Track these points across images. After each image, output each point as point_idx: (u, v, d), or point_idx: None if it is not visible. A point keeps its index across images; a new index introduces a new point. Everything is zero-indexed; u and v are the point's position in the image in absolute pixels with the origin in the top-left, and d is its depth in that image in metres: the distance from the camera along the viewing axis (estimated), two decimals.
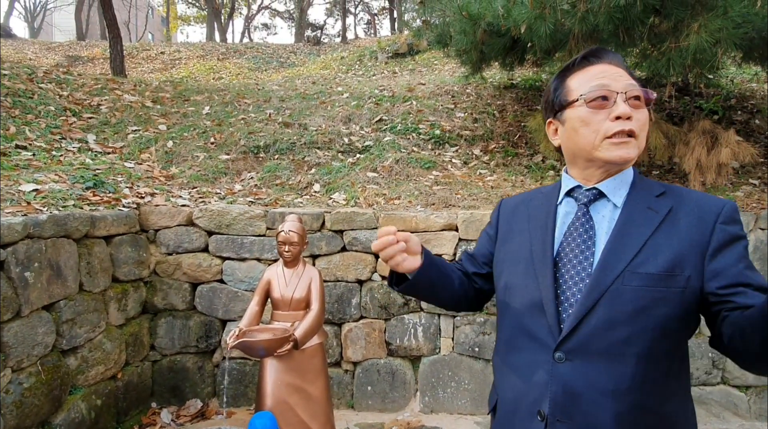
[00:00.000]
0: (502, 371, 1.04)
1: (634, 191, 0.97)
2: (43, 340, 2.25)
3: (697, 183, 3.34)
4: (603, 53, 0.98)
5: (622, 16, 2.51)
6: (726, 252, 0.89)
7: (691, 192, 0.99)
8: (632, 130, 0.92)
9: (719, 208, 0.93)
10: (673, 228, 0.92)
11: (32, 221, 2.21)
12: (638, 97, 0.92)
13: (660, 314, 0.87)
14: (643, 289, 0.88)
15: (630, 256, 0.90)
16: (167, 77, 9.90)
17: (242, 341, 2.06)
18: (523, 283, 0.99)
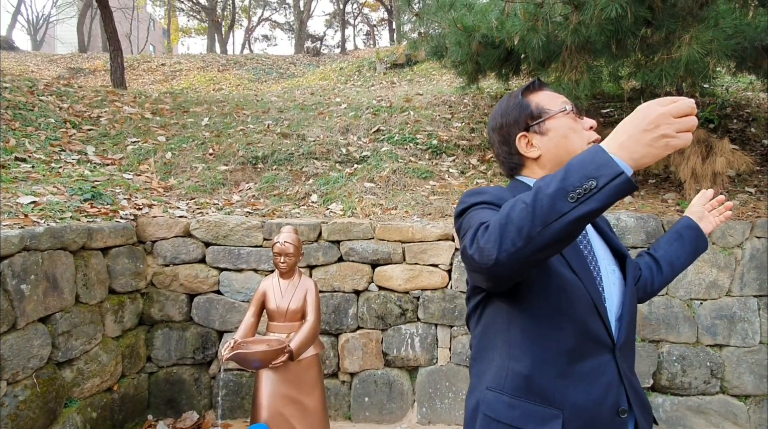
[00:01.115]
0: (567, 384, 0.95)
1: None
2: (38, 352, 2.25)
3: (693, 191, 3.35)
4: (544, 85, 1.14)
5: (613, 27, 2.55)
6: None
7: None
8: (598, 137, 1.05)
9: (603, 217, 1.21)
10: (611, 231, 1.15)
11: (29, 234, 2.22)
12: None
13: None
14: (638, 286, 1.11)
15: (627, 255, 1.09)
16: (168, 89, 9.98)
17: (237, 353, 2.05)
18: (575, 287, 0.95)
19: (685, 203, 3.41)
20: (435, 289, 3.08)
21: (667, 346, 2.99)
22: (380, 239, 3.12)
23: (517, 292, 0.97)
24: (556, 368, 0.95)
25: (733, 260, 3.01)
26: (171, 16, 25.28)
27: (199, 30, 26.68)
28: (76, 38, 18.62)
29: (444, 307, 3.05)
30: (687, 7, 2.70)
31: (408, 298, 3.10)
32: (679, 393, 2.97)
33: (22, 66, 11.92)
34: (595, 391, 0.94)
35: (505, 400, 0.97)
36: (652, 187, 4.00)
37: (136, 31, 24.86)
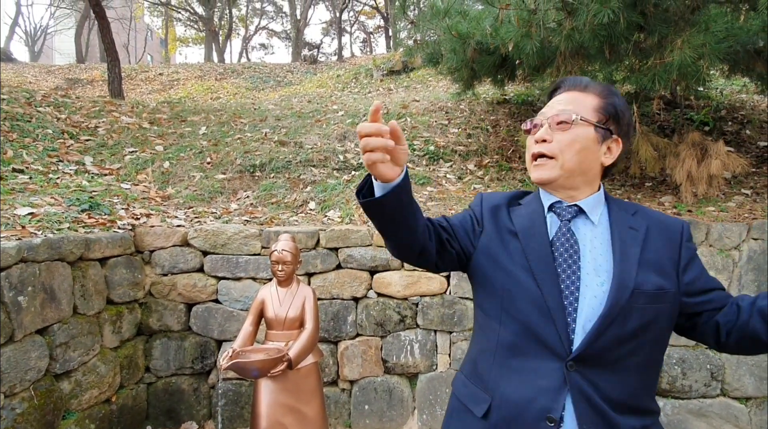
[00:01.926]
0: (501, 374, 1.01)
1: (613, 210, 1.06)
2: (36, 364, 2.24)
3: (689, 194, 3.36)
4: (564, 83, 1.10)
5: (606, 33, 2.57)
6: (693, 265, 1.03)
7: (654, 211, 1.09)
8: (541, 152, 1.03)
9: (681, 228, 1.06)
10: (653, 246, 1.01)
11: (26, 245, 2.22)
12: (563, 122, 1.01)
13: (657, 328, 0.97)
14: (646, 308, 0.95)
15: (634, 274, 0.96)
16: (165, 98, 10.01)
17: (235, 362, 2.05)
18: (526, 289, 1.00)
19: (681, 206, 3.43)
20: (434, 295, 3.08)
21: (667, 349, 2.98)
22: (378, 246, 3.12)
23: (474, 285, 1.13)
24: (495, 358, 1.04)
25: (730, 262, 3.02)
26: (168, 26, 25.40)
27: (196, 39, 26.80)
28: (74, 49, 18.70)
29: (443, 313, 3.04)
30: (679, 11, 2.73)
31: (407, 304, 3.10)
32: (680, 396, 2.96)
33: (20, 77, 11.96)
34: (526, 390, 0.98)
35: (462, 379, 1.12)
36: (648, 190, 4.02)
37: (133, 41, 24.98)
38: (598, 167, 1.05)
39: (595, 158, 1.03)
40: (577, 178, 1.03)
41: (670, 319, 0.99)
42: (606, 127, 1.03)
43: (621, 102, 1.05)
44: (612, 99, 1.05)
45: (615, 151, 1.05)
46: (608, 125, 1.04)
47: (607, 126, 1.03)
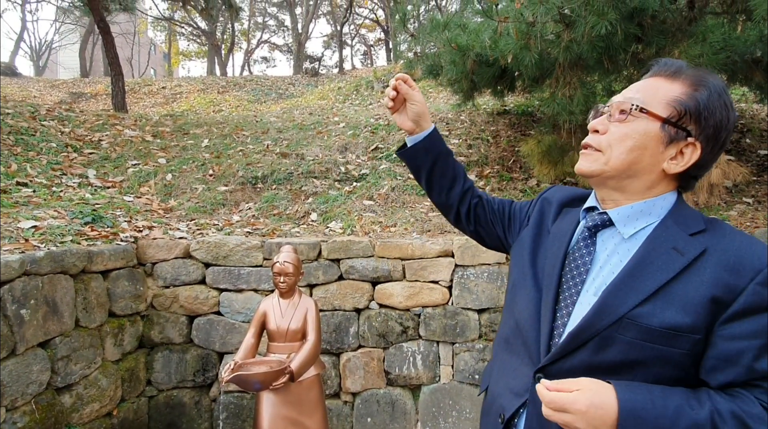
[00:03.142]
0: (494, 364, 1.06)
1: (663, 226, 0.85)
2: (37, 378, 2.23)
3: (690, 203, 3.36)
4: (654, 65, 0.91)
5: (604, 44, 2.60)
6: (747, 320, 0.76)
7: (737, 235, 0.83)
8: (588, 143, 0.89)
9: (762, 264, 0.77)
10: (696, 277, 0.79)
11: (29, 258, 2.23)
12: (623, 111, 0.85)
13: (651, 373, 0.79)
14: (637, 344, 0.79)
15: (634, 302, 0.81)
16: (168, 111, 10.10)
17: (237, 375, 2.04)
18: (530, 289, 0.96)
19: None
20: (436, 306, 3.07)
21: None
22: (380, 257, 3.12)
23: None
24: (496, 347, 1.07)
25: None
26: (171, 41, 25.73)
27: (199, 53, 27.12)
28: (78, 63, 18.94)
29: (445, 324, 3.03)
30: (676, 23, 2.76)
31: (409, 315, 3.09)
32: None
33: (25, 92, 12.09)
34: (500, 386, 0.99)
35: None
36: None
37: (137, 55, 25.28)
38: (659, 172, 0.85)
39: (655, 161, 0.84)
40: (626, 181, 0.86)
41: (679, 369, 0.79)
42: (679, 124, 0.83)
43: (714, 98, 0.83)
44: (700, 91, 0.82)
45: (689, 156, 0.83)
46: (683, 123, 0.83)
47: (682, 124, 0.83)
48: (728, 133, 0.85)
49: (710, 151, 0.85)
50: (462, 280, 3.04)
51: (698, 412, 0.73)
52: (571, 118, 2.84)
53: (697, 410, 0.73)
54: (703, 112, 0.82)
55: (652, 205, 0.87)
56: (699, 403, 0.74)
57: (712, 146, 0.84)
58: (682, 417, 0.73)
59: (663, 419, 0.73)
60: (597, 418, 0.73)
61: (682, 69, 0.87)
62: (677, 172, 0.85)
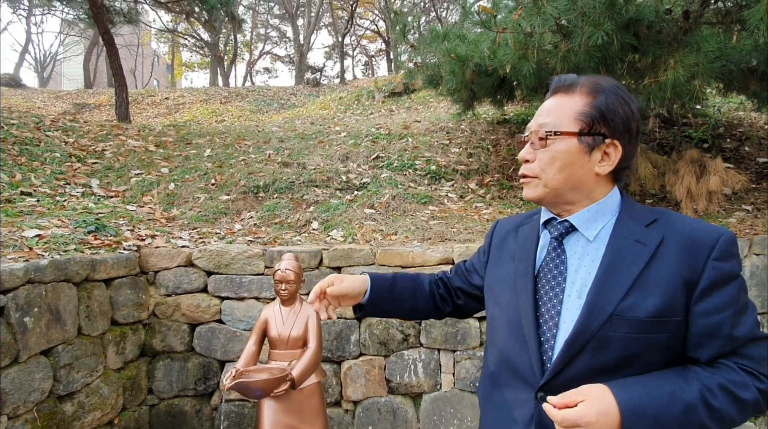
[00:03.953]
0: (485, 408, 1.03)
1: (621, 222, 0.91)
2: (40, 386, 2.24)
3: (689, 210, 3.38)
4: (552, 86, 0.96)
5: (601, 54, 2.64)
6: (715, 294, 0.83)
7: (685, 219, 0.90)
8: (524, 173, 0.95)
9: (714, 241, 0.84)
10: (663, 263, 0.85)
11: (33, 267, 2.25)
12: (541, 138, 0.91)
13: (647, 362, 0.83)
14: (631, 337, 0.83)
15: (618, 297, 0.84)
16: (171, 122, 10.19)
17: (238, 382, 2.05)
18: (507, 315, 0.97)
19: None
20: None
21: None
22: (381, 264, 3.13)
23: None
24: (483, 390, 1.04)
25: None
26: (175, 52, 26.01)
27: (202, 64, 27.40)
28: (82, 75, 19.13)
29: (446, 331, 3.04)
30: (671, 33, 2.80)
31: (410, 323, 3.09)
32: None
33: (29, 103, 12.21)
34: (501, 425, 0.95)
35: None
36: None
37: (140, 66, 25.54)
38: (593, 178, 0.91)
39: (586, 171, 0.90)
40: (570, 194, 0.92)
41: (669, 352, 0.84)
42: (593, 132, 0.89)
43: (612, 98, 0.89)
44: (599, 98, 0.89)
45: (614, 155, 0.90)
46: (595, 129, 0.89)
47: (595, 131, 0.89)
48: (637, 122, 0.92)
49: (628, 143, 0.91)
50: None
51: (688, 393, 0.79)
52: None
53: (687, 392, 0.79)
54: (608, 114, 0.89)
55: (605, 205, 0.93)
56: (687, 384, 0.80)
57: (628, 138, 0.91)
58: (676, 402, 0.78)
59: (660, 409, 0.77)
60: (606, 425, 0.76)
61: (576, 81, 0.93)
62: (610, 171, 0.92)
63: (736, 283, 0.84)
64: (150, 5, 10.76)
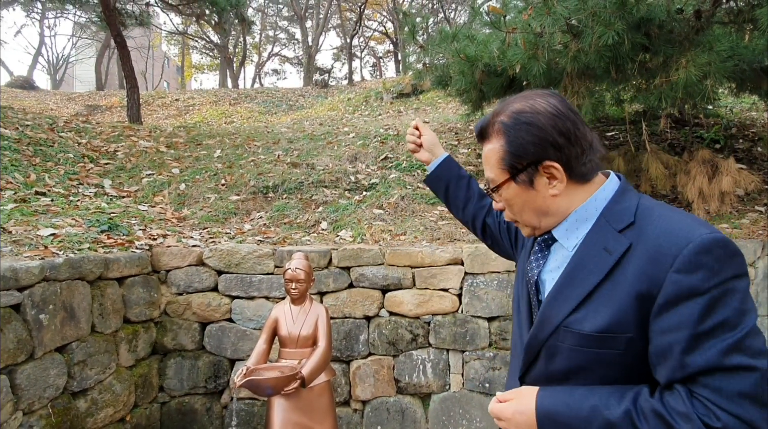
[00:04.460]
0: (510, 367, 1.10)
1: (595, 228, 0.86)
2: (54, 382, 2.28)
3: (701, 211, 3.35)
4: (477, 134, 0.96)
5: (611, 54, 2.63)
6: (672, 312, 0.74)
7: (662, 222, 0.80)
8: (510, 219, 0.97)
9: (679, 249, 0.74)
10: (622, 275, 0.79)
11: (48, 265, 2.29)
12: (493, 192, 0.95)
13: (598, 375, 0.81)
14: (577, 350, 0.82)
15: (568, 310, 0.84)
16: (181, 123, 10.29)
17: (249, 380, 2.07)
18: (518, 302, 1.03)
19: None
20: (446, 314, 3.08)
21: None
22: (390, 265, 3.14)
23: None
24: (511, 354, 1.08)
25: None
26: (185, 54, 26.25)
27: (211, 66, 27.63)
28: (93, 77, 19.38)
29: (455, 331, 3.04)
30: (683, 32, 2.78)
31: (419, 323, 3.10)
32: None
33: (42, 104, 12.40)
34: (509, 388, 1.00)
35: None
36: None
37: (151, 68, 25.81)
38: (556, 199, 0.89)
39: (543, 198, 0.89)
40: (545, 221, 0.92)
41: (623, 368, 0.80)
42: (521, 170, 0.88)
43: (514, 132, 0.87)
44: (506, 138, 0.88)
45: (557, 172, 0.86)
46: (521, 166, 0.88)
47: (521, 167, 0.88)
48: (557, 128, 0.85)
49: (561, 150, 0.85)
50: (472, 288, 3.05)
51: (613, 412, 0.75)
52: None
53: (613, 409, 0.75)
54: (518, 150, 0.87)
55: (585, 211, 0.89)
56: (618, 403, 0.76)
57: (557, 148, 0.85)
58: (595, 417, 0.76)
59: (576, 419, 0.78)
60: (522, 422, 0.83)
61: (486, 126, 0.93)
62: (563, 188, 0.88)
63: (703, 300, 0.72)
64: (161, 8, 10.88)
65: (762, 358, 0.70)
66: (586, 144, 0.86)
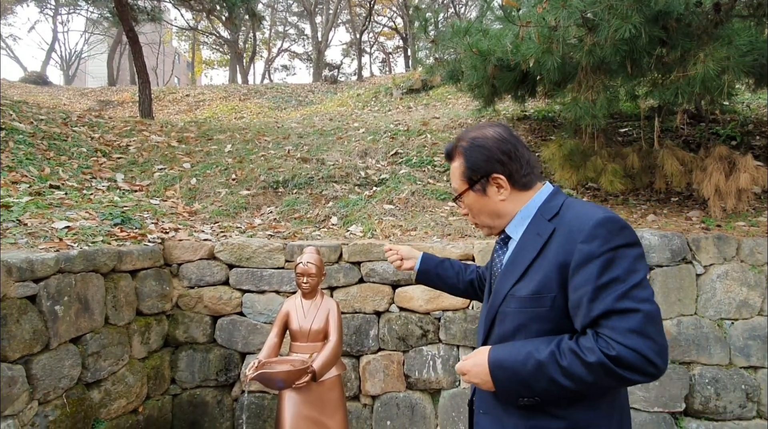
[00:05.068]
0: None
1: (533, 220, 1.13)
2: (69, 372, 2.31)
3: (717, 209, 3.30)
4: (446, 156, 1.25)
5: (628, 48, 2.58)
6: (579, 273, 0.99)
7: (578, 209, 1.08)
8: (473, 221, 1.25)
9: (584, 226, 1.01)
10: (550, 252, 1.05)
11: (63, 257, 2.31)
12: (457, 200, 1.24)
13: (534, 329, 1.06)
14: (519, 311, 1.08)
15: (512, 282, 1.10)
16: (192, 118, 10.34)
17: (261, 373, 2.07)
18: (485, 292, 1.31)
19: (710, 220, 3.35)
20: (456, 310, 3.07)
21: (698, 368, 2.89)
22: None
23: None
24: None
25: (763, 278, 2.93)
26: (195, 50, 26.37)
27: (221, 62, 27.73)
28: (105, 73, 19.55)
29: (465, 328, 3.02)
30: (701, 26, 2.72)
31: (429, 319, 3.09)
32: (714, 418, 2.85)
33: (56, 100, 12.54)
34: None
35: None
36: (675, 205, 3.95)
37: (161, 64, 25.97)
38: (504, 203, 1.16)
39: (494, 203, 1.16)
40: (497, 222, 1.19)
41: (552, 322, 1.04)
42: (476, 181, 1.17)
43: (469, 153, 1.16)
44: (464, 157, 1.17)
45: (503, 183, 1.14)
46: (475, 178, 1.16)
47: (475, 179, 1.16)
48: (500, 150, 1.14)
49: (505, 166, 1.14)
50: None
51: (541, 354, 0.99)
52: (594, 121, 2.82)
53: (541, 352, 0.99)
54: (473, 166, 1.16)
55: (527, 210, 1.15)
56: (545, 347, 1.00)
57: (502, 164, 1.14)
58: (530, 359, 1.00)
59: (517, 363, 1.01)
60: (480, 372, 1.06)
61: (452, 149, 1.22)
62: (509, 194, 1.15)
63: (599, 262, 0.97)
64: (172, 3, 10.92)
65: (646, 303, 0.94)
66: (524, 161, 1.15)
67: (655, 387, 2.87)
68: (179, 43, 28.97)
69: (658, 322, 0.94)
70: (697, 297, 2.95)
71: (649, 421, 2.85)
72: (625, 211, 3.81)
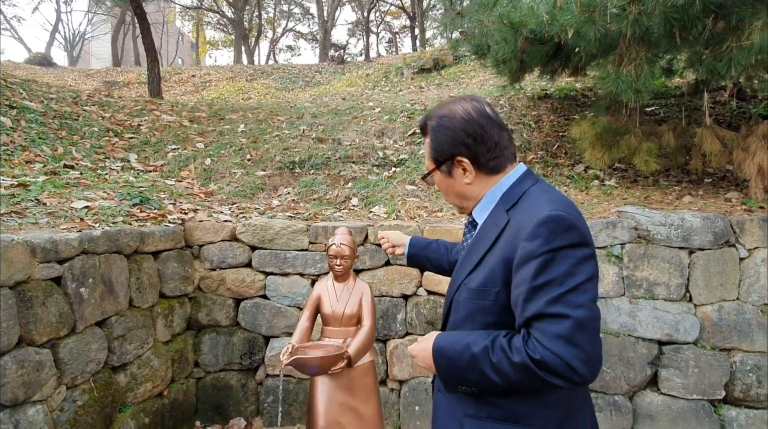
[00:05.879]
0: None
1: (495, 208, 1.10)
2: (95, 356, 2.23)
3: (759, 190, 3.15)
4: (420, 130, 1.21)
5: (679, 16, 2.41)
6: (520, 271, 0.97)
7: (534, 201, 1.03)
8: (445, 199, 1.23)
9: (530, 223, 0.97)
10: (500, 244, 1.04)
11: (87, 237, 2.22)
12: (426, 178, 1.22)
13: (479, 321, 1.07)
14: (468, 301, 1.09)
15: (466, 272, 1.11)
16: (199, 99, 10.17)
17: (296, 358, 1.99)
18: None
19: (751, 202, 3.21)
20: None
21: (739, 355, 2.79)
22: None
23: None
24: None
25: None
26: (199, 30, 25.95)
27: (225, 42, 27.31)
28: (109, 54, 19.28)
29: None
30: None
31: None
32: (755, 406, 2.76)
33: (61, 81, 12.37)
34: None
35: None
36: (710, 187, 3.80)
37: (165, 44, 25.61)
38: (470, 186, 1.13)
39: (459, 185, 1.14)
40: (464, 203, 1.17)
41: (497, 316, 1.04)
42: (441, 161, 1.14)
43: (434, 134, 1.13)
44: (431, 136, 1.14)
45: (467, 166, 1.10)
46: (441, 159, 1.13)
47: (441, 160, 1.13)
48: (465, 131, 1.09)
49: (470, 149, 1.09)
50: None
51: (476, 347, 1.00)
52: (638, 96, 2.66)
53: (477, 346, 1.00)
54: (438, 147, 1.13)
55: (492, 195, 1.12)
56: (483, 340, 1.00)
57: (467, 147, 1.09)
58: (466, 351, 1.01)
59: (455, 353, 1.03)
60: (426, 357, 1.08)
61: (422, 126, 1.19)
62: (474, 177, 1.11)
63: (537, 262, 0.93)
64: None
65: (579, 309, 0.90)
66: (491, 143, 1.09)
67: (694, 374, 2.77)
68: (183, 23, 28.52)
69: (591, 330, 0.91)
70: (740, 281, 2.84)
71: (687, 408, 2.77)
72: (659, 192, 3.67)
